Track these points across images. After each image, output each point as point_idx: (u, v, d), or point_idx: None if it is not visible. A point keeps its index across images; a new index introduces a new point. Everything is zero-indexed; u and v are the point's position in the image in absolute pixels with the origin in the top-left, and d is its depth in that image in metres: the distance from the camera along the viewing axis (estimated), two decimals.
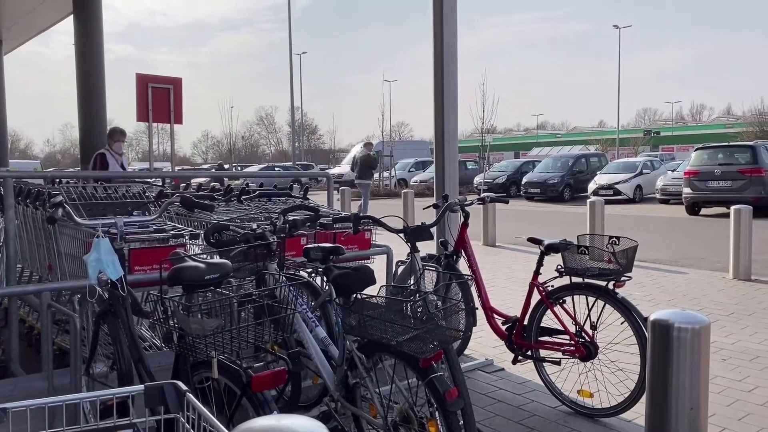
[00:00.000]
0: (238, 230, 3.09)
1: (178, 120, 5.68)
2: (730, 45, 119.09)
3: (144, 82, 5.47)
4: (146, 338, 4.07)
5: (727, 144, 18.11)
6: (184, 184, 5.67)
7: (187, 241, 3.46)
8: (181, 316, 2.04)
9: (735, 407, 3.77)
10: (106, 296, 2.63)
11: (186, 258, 2.22)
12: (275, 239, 2.98)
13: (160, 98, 5.44)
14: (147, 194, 4.15)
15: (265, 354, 2.36)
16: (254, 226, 3.12)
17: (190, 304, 2.05)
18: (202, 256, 3.05)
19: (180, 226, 3.75)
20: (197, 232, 3.53)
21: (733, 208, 7.79)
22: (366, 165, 15.58)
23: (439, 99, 4.93)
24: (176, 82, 5.67)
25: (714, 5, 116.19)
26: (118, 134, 6.20)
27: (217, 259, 2.36)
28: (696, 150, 17.19)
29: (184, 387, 1.25)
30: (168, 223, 3.76)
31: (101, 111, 7.09)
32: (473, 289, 4.16)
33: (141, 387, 1.26)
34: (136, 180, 5.35)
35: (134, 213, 3.97)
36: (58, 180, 5.09)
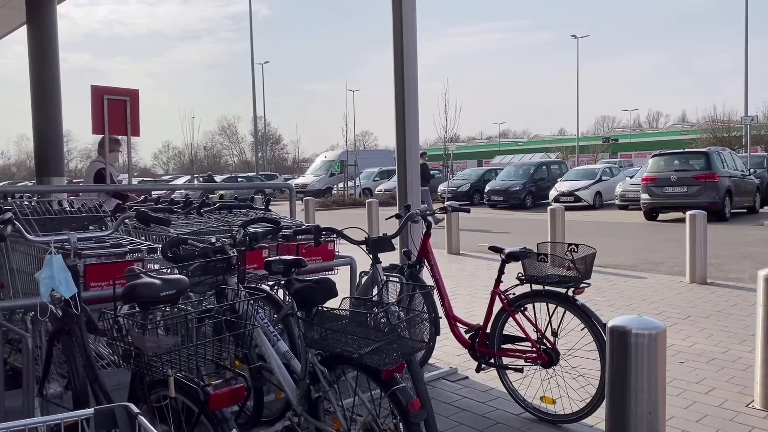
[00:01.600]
0: (196, 244, 3.04)
1: (135, 132, 5.58)
2: (685, 54, 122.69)
3: (99, 94, 5.36)
4: (104, 356, 3.97)
5: (682, 151, 18.61)
6: (143, 197, 5.54)
7: (145, 255, 3.39)
8: (135, 335, 1.99)
9: (692, 409, 3.85)
10: (60, 314, 2.56)
11: (141, 274, 2.17)
12: (235, 253, 2.94)
13: (116, 110, 5.33)
14: (103, 208, 4.06)
15: (225, 371, 2.32)
16: (213, 239, 3.08)
17: (145, 322, 2.01)
18: (163, 270, 3.00)
19: (138, 240, 3.68)
20: (155, 246, 3.46)
21: (688, 213, 7.99)
22: (421, 173, 16.22)
23: (400, 109, 4.95)
24: (133, 94, 5.57)
25: (668, 16, 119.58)
26: (114, 143, 5.96)
27: (173, 275, 2.32)
28: (653, 157, 17.62)
29: (135, 410, 1.22)
30: (125, 237, 3.68)
31: (57, 122, 6.92)
32: (436, 299, 4.17)
33: (91, 411, 1.22)
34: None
35: (90, 228, 3.88)
36: (11, 195, 4.94)
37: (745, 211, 17.20)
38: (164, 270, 3.09)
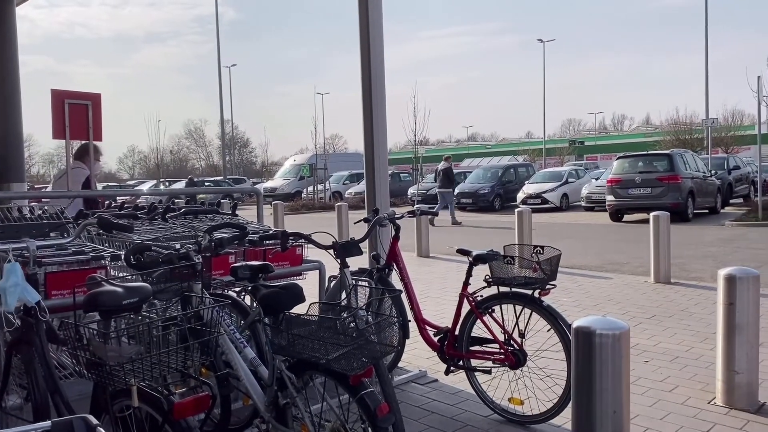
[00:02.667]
0: (161, 250, 2.99)
1: (98, 137, 5.46)
2: (648, 58, 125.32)
3: (60, 98, 5.23)
4: (66, 366, 3.88)
5: (646, 153, 18.98)
6: (108, 202, 5.43)
7: (108, 262, 3.33)
8: (97, 344, 1.95)
9: (657, 407, 3.92)
10: (19, 324, 2.49)
11: (103, 282, 2.13)
12: (200, 259, 2.90)
13: (77, 115, 5.21)
14: (65, 215, 3.97)
15: (190, 379, 2.29)
16: (178, 245, 3.03)
17: (106, 331, 1.97)
18: (128, 278, 2.95)
19: (100, 247, 3.61)
20: (118, 253, 3.40)
21: (652, 214, 8.15)
22: (447, 177, 17.91)
23: (368, 113, 4.95)
24: (95, 98, 5.45)
25: (631, 21, 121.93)
26: (97, 152, 5.80)
27: (136, 283, 2.28)
28: (617, 159, 17.95)
29: (94, 421, 1.19)
30: (87, 244, 3.61)
31: (17, 126, 6.75)
32: (405, 302, 4.18)
33: (48, 424, 1.19)
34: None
35: (52, 235, 3.80)
36: None
37: (707, 211, 17.60)
38: (128, 277, 3.04)
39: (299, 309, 2.66)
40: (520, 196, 22.47)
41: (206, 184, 33.34)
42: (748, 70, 24.35)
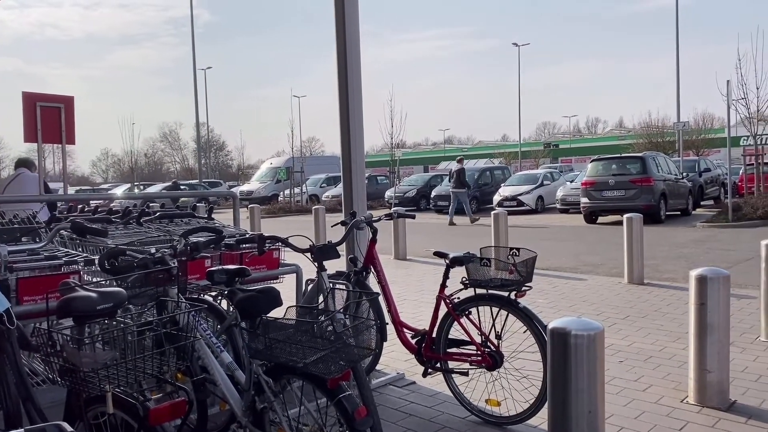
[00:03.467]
0: (135, 255, 2.96)
1: (71, 140, 5.37)
2: (622, 62, 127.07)
3: (32, 100, 5.13)
4: (39, 372, 3.82)
5: (619, 156, 19.25)
6: (81, 206, 5.35)
7: (82, 267, 3.29)
8: (70, 350, 1.92)
9: (631, 406, 3.97)
10: None
11: (77, 287, 2.10)
12: (175, 263, 2.88)
13: (49, 118, 5.11)
14: (37, 219, 3.91)
15: (166, 384, 2.27)
16: (153, 249, 3.00)
17: (80, 336, 1.94)
18: (101, 282, 2.91)
19: (74, 252, 3.56)
20: (92, 257, 3.36)
21: (625, 216, 8.26)
22: (459, 178, 18.84)
23: (345, 116, 4.94)
24: (67, 101, 5.36)
25: (605, 26, 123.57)
26: (33, 167, 5.79)
27: (110, 288, 2.25)
28: (591, 162, 18.16)
29: (68, 428, 1.17)
30: (60, 249, 3.56)
31: None
32: (383, 305, 4.18)
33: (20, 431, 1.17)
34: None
35: (24, 239, 3.74)
36: None
37: (678, 213, 17.90)
38: (103, 282, 3.01)
39: (276, 313, 2.66)
40: (496, 198, 22.64)
41: (181, 187, 32.99)
42: (718, 75, 24.81)
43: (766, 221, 14.97)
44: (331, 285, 3.55)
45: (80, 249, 4.02)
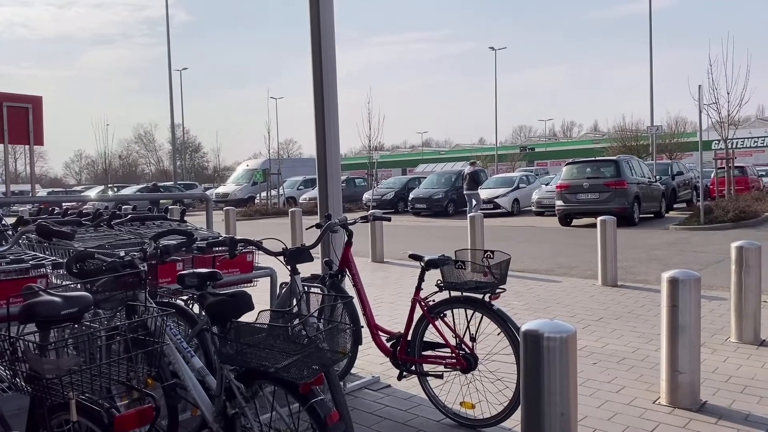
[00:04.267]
0: (104, 258, 2.90)
1: (39, 141, 5.25)
2: (596, 66, 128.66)
3: None
4: (3, 378, 3.73)
5: (593, 159, 19.46)
6: (51, 208, 5.25)
7: (50, 271, 3.22)
8: (32, 356, 1.87)
9: (604, 408, 4.00)
10: None
11: (41, 292, 2.05)
12: (145, 267, 2.83)
13: (16, 118, 4.99)
14: (2, 222, 3.83)
15: (133, 391, 2.22)
16: (122, 253, 2.95)
17: (43, 343, 1.89)
18: (69, 285, 2.84)
19: (41, 255, 3.48)
20: (60, 261, 3.29)
21: (599, 219, 8.34)
22: (473, 179, 19.96)
23: (320, 118, 4.91)
24: (36, 101, 5.24)
25: (582, 30, 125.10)
26: None
27: (76, 292, 2.20)
28: (566, 165, 18.33)
29: None
30: (27, 252, 3.48)
31: None
32: (358, 308, 4.16)
33: None
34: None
35: None
36: None
37: (652, 215, 18.14)
38: (70, 285, 2.94)
39: (249, 317, 2.62)
40: None
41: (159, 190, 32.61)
42: (690, 79, 25.22)
43: (736, 224, 15.24)
44: (304, 288, 3.52)
45: (48, 252, 3.95)
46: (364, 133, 27.55)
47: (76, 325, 2.10)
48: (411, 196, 24.61)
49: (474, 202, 20.07)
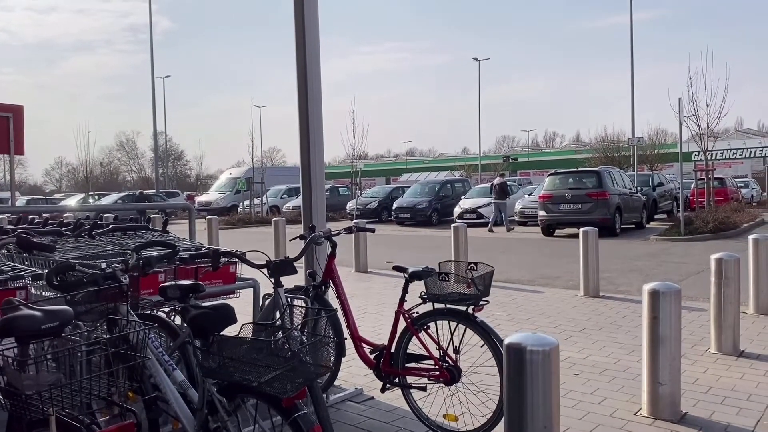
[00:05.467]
0: (85, 270, 2.87)
1: (19, 150, 5.18)
2: (578, 77, 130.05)
3: None
4: None
5: (576, 170, 19.64)
6: (32, 217, 5.18)
7: (29, 283, 3.17)
8: (11, 372, 1.84)
9: (587, 420, 4.02)
10: None
11: (20, 305, 2.02)
12: (127, 279, 2.80)
13: None
14: None
15: (114, 406, 2.19)
16: (104, 264, 2.92)
17: (22, 358, 1.86)
18: (49, 297, 2.81)
19: (20, 266, 3.43)
20: (40, 272, 3.24)
21: (581, 230, 8.41)
22: (502, 190, 20.26)
23: (304, 128, 4.90)
24: (16, 110, 5.17)
25: (564, 41, 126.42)
26: None
27: (56, 306, 2.17)
28: (549, 176, 18.48)
29: None
30: (6, 263, 3.43)
31: None
32: (342, 320, 4.15)
33: None
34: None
35: None
36: None
37: (633, 226, 18.32)
38: (51, 297, 2.90)
39: (231, 330, 2.61)
40: (457, 210, 22.82)
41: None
42: (670, 92, 25.57)
43: (716, 235, 15.45)
44: (287, 301, 3.51)
45: (28, 263, 3.89)
46: (347, 142, 27.50)
47: (54, 340, 2.07)
48: (395, 205, 24.65)
49: (500, 212, 20.23)
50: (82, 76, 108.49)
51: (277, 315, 3.57)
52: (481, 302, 3.62)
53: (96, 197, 35.18)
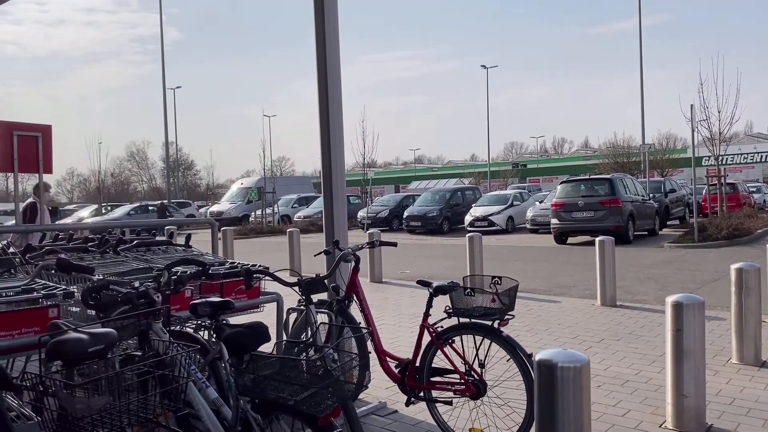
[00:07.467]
0: (119, 289, 2.92)
1: (48, 169, 5.24)
2: (586, 83, 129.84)
3: (8, 129, 4.99)
4: (13, 408, 3.71)
5: (587, 177, 19.62)
6: (56, 234, 5.25)
7: (61, 301, 3.22)
8: (63, 395, 1.88)
9: None
10: None
11: (67, 329, 2.06)
12: (159, 297, 2.84)
13: (26, 147, 4.98)
14: (11, 250, 3.83)
15: (149, 423, 2.23)
16: (136, 283, 2.96)
17: (73, 382, 1.90)
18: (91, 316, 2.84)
19: (51, 284, 3.48)
20: (71, 290, 3.29)
21: (597, 239, 8.40)
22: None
23: (326, 140, 4.90)
24: (45, 130, 5.24)
25: (572, 46, 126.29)
26: (49, 186, 5.73)
27: (100, 329, 2.21)
28: (561, 183, 18.45)
29: None
30: (37, 281, 3.48)
31: None
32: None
33: None
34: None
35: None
36: None
37: (646, 233, 18.26)
38: (90, 315, 2.94)
39: (263, 348, 2.64)
40: (468, 218, 22.81)
41: (150, 208, 32.50)
42: (681, 97, 25.51)
43: (730, 241, 15.35)
44: (319, 320, 3.53)
45: (56, 279, 3.94)
46: (357, 151, 27.57)
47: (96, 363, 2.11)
48: (406, 213, 24.67)
49: None
50: (93, 87, 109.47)
51: (309, 332, 3.60)
52: (507, 316, 3.63)
53: (108, 208, 35.41)
